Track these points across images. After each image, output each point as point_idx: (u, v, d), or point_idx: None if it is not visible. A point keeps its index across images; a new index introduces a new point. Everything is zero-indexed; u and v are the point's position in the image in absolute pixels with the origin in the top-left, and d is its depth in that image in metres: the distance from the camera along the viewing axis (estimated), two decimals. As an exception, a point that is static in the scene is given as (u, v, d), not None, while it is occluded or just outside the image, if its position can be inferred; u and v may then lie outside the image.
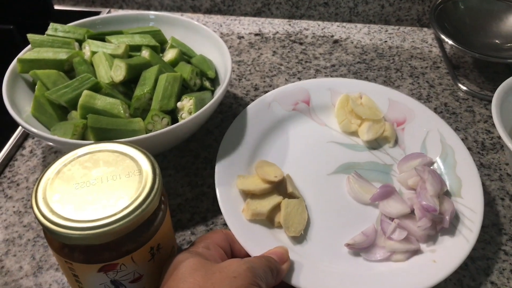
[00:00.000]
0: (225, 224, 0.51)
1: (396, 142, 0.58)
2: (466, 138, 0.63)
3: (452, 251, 0.45)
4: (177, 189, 0.55)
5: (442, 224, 0.47)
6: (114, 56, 0.55)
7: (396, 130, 0.59)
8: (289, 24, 0.86)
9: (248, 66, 0.75)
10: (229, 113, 0.66)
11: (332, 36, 0.83)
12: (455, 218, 0.48)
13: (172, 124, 0.51)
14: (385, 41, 0.82)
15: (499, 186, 0.56)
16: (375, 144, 0.58)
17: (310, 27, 0.85)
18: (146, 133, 0.49)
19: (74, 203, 0.34)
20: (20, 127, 0.61)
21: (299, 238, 0.48)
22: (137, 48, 0.59)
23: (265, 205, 0.48)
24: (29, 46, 0.58)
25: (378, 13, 0.86)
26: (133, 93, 0.53)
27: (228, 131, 0.55)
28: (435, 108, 0.68)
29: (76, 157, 0.38)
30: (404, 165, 0.55)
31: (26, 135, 0.62)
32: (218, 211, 0.52)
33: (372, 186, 0.52)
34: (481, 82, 0.73)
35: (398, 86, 0.72)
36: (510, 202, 0.55)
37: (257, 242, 0.45)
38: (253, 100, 0.67)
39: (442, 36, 0.71)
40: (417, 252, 0.46)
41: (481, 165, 0.59)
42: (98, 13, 0.86)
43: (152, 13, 0.65)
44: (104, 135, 0.46)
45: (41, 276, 0.47)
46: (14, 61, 0.55)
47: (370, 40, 0.82)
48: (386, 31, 0.85)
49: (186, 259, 0.38)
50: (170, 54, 0.60)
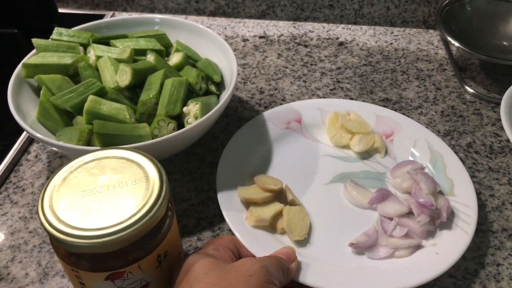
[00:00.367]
0: (231, 230, 0.51)
1: (386, 152, 0.60)
2: (474, 142, 0.62)
3: (453, 243, 0.47)
4: (183, 194, 0.55)
5: (440, 219, 0.49)
6: (119, 61, 0.55)
7: (385, 142, 0.60)
8: (294, 26, 0.86)
9: (253, 69, 0.75)
10: (235, 117, 0.66)
11: (338, 38, 0.83)
12: (452, 214, 0.50)
13: (178, 129, 0.51)
14: (391, 43, 0.82)
15: (508, 191, 0.56)
16: (367, 155, 0.60)
17: (315, 29, 0.85)
18: (152, 139, 0.49)
19: (81, 211, 0.33)
20: (25, 132, 0.61)
21: (303, 242, 0.49)
22: (142, 52, 0.58)
23: (268, 212, 0.49)
24: (34, 51, 0.58)
25: (384, 15, 0.86)
26: (139, 98, 0.53)
27: (226, 149, 0.56)
28: (442, 111, 0.67)
29: (83, 164, 0.37)
30: (397, 172, 0.56)
31: (31, 140, 0.62)
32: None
33: (369, 192, 0.54)
34: (488, 85, 0.72)
35: (405, 89, 0.71)
36: (520, 207, 0.54)
37: (263, 246, 0.46)
38: (259, 104, 0.68)
39: (449, 38, 0.71)
40: (419, 247, 0.48)
41: (490, 169, 0.58)
42: (102, 16, 0.86)
43: (157, 17, 0.64)
44: (110, 141, 0.46)
45: (47, 283, 0.46)
46: (19, 66, 0.55)
47: (376, 42, 0.82)
48: (392, 33, 0.85)
49: (198, 260, 0.37)
50: (176, 58, 0.59)
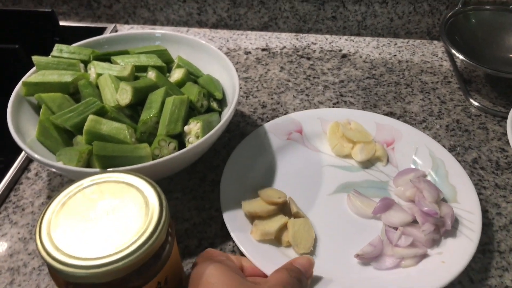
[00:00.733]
0: (234, 251, 0.50)
1: (388, 161, 0.60)
2: (480, 157, 0.61)
3: (459, 251, 0.47)
4: (184, 213, 0.54)
5: (445, 227, 0.49)
6: (120, 78, 0.55)
7: (387, 150, 0.60)
8: (297, 38, 0.85)
9: (256, 83, 0.74)
10: (237, 132, 0.65)
11: (341, 51, 0.82)
12: (456, 222, 0.50)
13: (179, 148, 0.50)
14: (394, 55, 0.81)
15: (516, 208, 0.55)
16: (369, 164, 0.60)
17: (318, 41, 0.84)
18: (153, 159, 0.48)
19: (79, 239, 0.33)
20: (26, 149, 0.61)
21: (308, 255, 0.49)
22: (143, 69, 0.58)
23: (273, 226, 0.49)
24: (34, 68, 0.57)
25: (387, 26, 0.85)
26: (139, 116, 0.53)
27: (228, 163, 0.56)
28: (447, 125, 0.66)
29: (81, 189, 0.37)
30: (399, 180, 0.56)
31: (32, 157, 0.62)
32: (227, 237, 0.52)
33: (372, 201, 0.54)
34: (494, 98, 0.71)
35: (409, 102, 0.70)
36: (527, 225, 0.53)
37: (269, 260, 0.46)
38: (261, 118, 0.67)
39: (453, 51, 0.70)
40: (425, 256, 0.48)
41: (496, 186, 0.57)
42: (104, 29, 0.86)
43: (158, 32, 0.64)
44: (110, 163, 0.45)
45: (46, 307, 0.46)
46: (19, 84, 0.55)
47: (379, 54, 0.81)
48: (395, 44, 0.84)
49: (216, 270, 0.37)
50: (177, 75, 0.59)
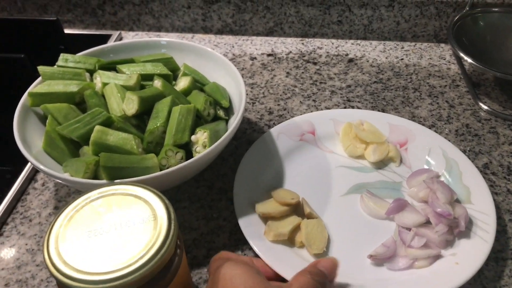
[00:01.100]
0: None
1: (401, 161, 0.60)
2: (491, 162, 0.60)
3: (473, 253, 0.47)
4: (192, 223, 0.54)
5: (459, 228, 0.49)
6: (126, 87, 0.54)
7: (400, 151, 0.60)
8: (302, 43, 0.85)
9: (262, 89, 0.74)
10: (244, 139, 0.65)
11: (347, 55, 0.81)
12: (470, 223, 0.50)
13: (187, 158, 0.50)
14: (402, 59, 0.80)
15: (528, 215, 0.54)
16: (382, 165, 0.60)
17: (324, 46, 0.84)
18: (160, 169, 0.48)
19: (87, 253, 0.32)
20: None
21: (322, 255, 0.49)
22: (149, 77, 0.57)
23: (286, 226, 0.49)
24: (40, 78, 0.57)
25: (394, 30, 0.84)
26: (146, 125, 0.52)
27: (241, 164, 0.57)
28: (456, 130, 0.65)
29: (89, 202, 0.36)
30: (413, 180, 0.56)
31: (38, 167, 0.61)
32: (236, 246, 0.51)
33: (386, 202, 0.54)
34: (504, 101, 0.70)
35: (417, 107, 0.69)
36: (541, 232, 0.52)
37: (283, 261, 0.46)
38: (268, 125, 0.66)
39: (461, 54, 0.69)
40: (439, 257, 0.48)
41: (508, 192, 0.57)
42: (109, 36, 0.86)
43: (164, 40, 0.64)
44: (117, 174, 0.45)
45: (55, 320, 0.45)
46: (25, 95, 0.55)
47: (386, 58, 0.80)
48: (402, 48, 0.83)
49: (241, 272, 0.36)
50: (183, 83, 0.58)
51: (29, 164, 0.60)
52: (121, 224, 0.35)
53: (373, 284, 0.46)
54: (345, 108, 0.69)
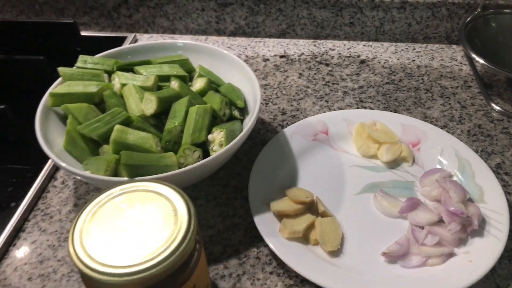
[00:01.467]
0: (258, 258, 0.51)
1: (414, 161, 0.61)
2: (504, 162, 0.61)
3: (486, 251, 0.48)
4: (209, 220, 0.55)
5: (472, 226, 0.49)
6: (144, 88, 0.56)
7: (412, 151, 0.61)
8: (314, 45, 0.86)
9: (275, 90, 0.75)
10: (257, 139, 0.66)
11: (359, 56, 0.82)
12: (483, 221, 0.51)
13: (203, 156, 0.51)
14: (413, 60, 0.81)
15: (541, 214, 0.54)
16: (395, 164, 0.61)
17: (336, 47, 0.85)
18: (179, 167, 0.49)
19: (111, 247, 0.34)
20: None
21: (336, 252, 0.50)
22: (166, 78, 0.59)
23: (300, 224, 0.51)
24: (60, 79, 0.59)
25: (405, 31, 0.85)
26: (164, 125, 0.54)
27: (256, 163, 0.58)
28: (469, 131, 0.66)
29: (111, 198, 0.37)
30: (425, 180, 0.57)
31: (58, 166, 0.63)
32: (251, 244, 0.52)
33: (399, 201, 0.54)
34: (516, 102, 0.71)
35: (429, 108, 0.70)
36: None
37: (298, 258, 0.48)
38: (281, 125, 0.67)
39: (473, 55, 0.69)
40: (452, 255, 0.49)
41: (520, 191, 0.57)
42: (124, 38, 0.87)
43: (180, 42, 0.65)
44: (137, 172, 0.46)
45: (76, 313, 0.47)
46: (46, 95, 0.56)
47: (398, 60, 0.81)
48: (414, 50, 0.84)
49: None
50: (199, 84, 0.60)
51: (49, 163, 0.62)
52: (143, 220, 0.36)
53: (387, 281, 0.47)
54: (358, 109, 0.70)
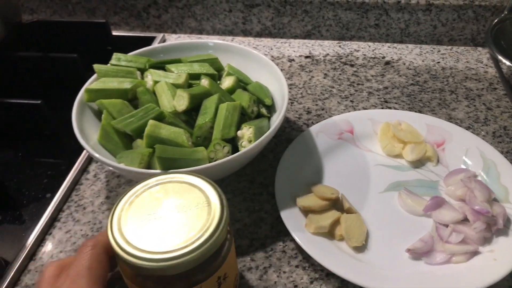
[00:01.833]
0: (284, 251, 0.52)
1: (438, 161, 0.61)
2: (529, 164, 0.61)
3: (511, 250, 0.48)
4: (236, 214, 0.57)
5: (496, 226, 0.50)
6: (176, 86, 0.58)
7: (437, 151, 0.62)
8: (339, 46, 0.87)
9: (300, 89, 0.76)
10: (283, 137, 0.67)
11: (384, 58, 0.83)
12: (508, 221, 0.51)
13: (232, 152, 0.52)
14: (438, 62, 0.81)
15: None
16: (419, 164, 0.61)
17: (361, 49, 0.86)
18: (209, 161, 0.51)
19: (148, 234, 0.35)
20: (84, 152, 0.64)
21: (361, 248, 0.51)
22: (196, 77, 0.61)
23: (326, 220, 0.52)
24: (95, 75, 0.61)
25: (430, 34, 0.85)
26: (194, 121, 0.55)
27: (282, 160, 0.59)
28: (494, 132, 0.66)
29: (147, 188, 0.39)
30: (450, 179, 0.57)
31: (90, 160, 0.65)
32: (277, 238, 0.54)
33: (423, 199, 0.55)
34: (542, 104, 0.71)
35: (454, 109, 0.70)
36: None
37: (323, 252, 0.49)
38: (306, 124, 0.69)
39: (500, 57, 0.70)
40: (476, 253, 0.49)
41: (546, 193, 0.57)
42: (153, 38, 0.90)
43: (211, 41, 0.67)
44: (170, 164, 0.48)
45: (109, 300, 0.48)
46: (82, 91, 0.58)
47: (423, 61, 0.82)
48: (439, 52, 0.84)
49: None
50: (228, 82, 0.61)
51: (82, 157, 0.64)
52: (178, 209, 0.37)
53: (411, 277, 0.47)
54: (383, 109, 0.71)
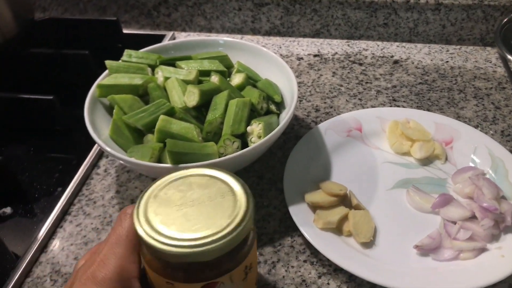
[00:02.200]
0: (292, 246, 0.53)
1: (447, 159, 0.61)
2: (537, 163, 0.61)
3: None
4: (244, 210, 0.57)
5: (505, 223, 0.50)
6: (186, 82, 0.58)
7: (445, 149, 0.62)
8: (348, 45, 0.87)
9: (308, 88, 0.77)
10: (291, 135, 0.67)
11: (392, 57, 0.83)
12: None
13: (241, 148, 0.53)
14: (447, 61, 0.81)
15: None
16: (427, 162, 0.61)
17: (369, 48, 0.86)
18: (219, 157, 0.51)
19: (176, 224, 0.34)
20: (95, 147, 0.65)
21: (369, 244, 0.51)
22: (206, 73, 0.61)
23: (334, 216, 0.52)
24: (106, 71, 0.62)
25: (439, 33, 0.85)
26: (204, 117, 0.56)
27: (291, 156, 0.60)
28: (502, 131, 0.66)
29: (169, 182, 0.38)
30: (458, 177, 0.58)
31: (101, 155, 0.66)
32: (285, 233, 0.54)
33: (431, 197, 0.55)
34: (551, 104, 0.71)
35: (462, 108, 0.71)
36: None
37: (331, 247, 0.49)
38: (315, 122, 0.69)
39: (509, 57, 0.70)
40: (484, 250, 0.49)
41: (555, 192, 0.57)
42: (163, 36, 0.90)
43: (222, 39, 0.68)
44: (181, 159, 0.49)
45: (120, 292, 0.49)
46: (94, 86, 0.59)
47: (431, 61, 0.82)
48: (447, 51, 0.84)
49: None
50: (237, 79, 0.62)
51: (92, 152, 0.65)
52: (204, 199, 0.36)
53: (419, 273, 0.48)
54: (391, 107, 0.71)
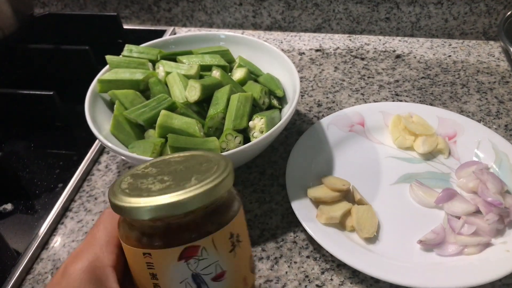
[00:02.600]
0: (295, 242, 0.52)
1: (450, 153, 0.61)
2: (541, 157, 0.61)
3: None
4: (246, 205, 0.57)
5: (509, 217, 0.50)
6: (188, 77, 0.58)
7: (448, 143, 0.62)
8: (350, 39, 0.86)
9: (310, 82, 0.76)
10: (293, 130, 0.67)
11: (394, 51, 0.83)
12: None
13: (243, 143, 0.53)
14: (449, 56, 0.81)
15: None
16: (430, 156, 0.61)
17: (371, 42, 0.85)
18: (221, 152, 0.51)
19: (153, 188, 0.33)
20: (96, 143, 0.65)
21: (372, 239, 0.51)
22: (208, 68, 0.61)
23: (337, 211, 0.52)
24: (107, 67, 0.61)
25: (442, 27, 0.85)
26: (205, 112, 0.56)
27: (293, 151, 0.59)
28: (506, 125, 0.66)
29: (149, 164, 0.37)
30: (462, 172, 0.57)
31: (102, 150, 0.66)
32: (288, 228, 0.54)
33: (435, 192, 0.55)
34: (555, 98, 0.70)
35: (465, 102, 0.70)
36: None
37: (334, 242, 0.49)
38: (317, 117, 0.69)
39: (512, 51, 0.69)
40: (489, 245, 0.49)
41: (559, 186, 0.57)
42: (164, 31, 0.90)
43: (223, 34, 0.67)
44: (182, 154, 0.48)
45: None
46: (95, 81, 0.59)
47: (434, 55, 0.81)
48: (450, 45, 0.84)
49: None
50: (239, 74, 0.61)
51: (93, 147, 0.65)
52: (181, 169, 0.35)
53: (423, 268, 0.47)
54: (394, 102, 0.71)
